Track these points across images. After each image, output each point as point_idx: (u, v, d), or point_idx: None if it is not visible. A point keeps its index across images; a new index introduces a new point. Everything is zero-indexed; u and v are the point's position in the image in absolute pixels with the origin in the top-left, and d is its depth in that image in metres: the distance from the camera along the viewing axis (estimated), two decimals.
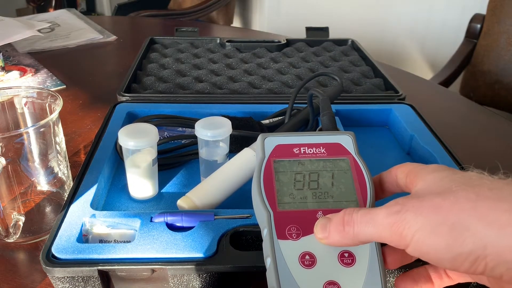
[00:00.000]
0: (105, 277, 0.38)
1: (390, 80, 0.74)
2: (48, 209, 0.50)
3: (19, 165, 0.46)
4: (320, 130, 0.50)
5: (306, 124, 0.57)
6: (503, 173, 0.29)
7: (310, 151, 0.36)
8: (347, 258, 0.31)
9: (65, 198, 0.46)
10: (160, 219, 0.42)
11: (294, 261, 0.31)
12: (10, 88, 0.49)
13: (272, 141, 0.37)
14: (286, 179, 0.35)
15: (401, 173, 0.33)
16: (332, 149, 0.37)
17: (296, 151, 0.36)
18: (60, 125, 0.48)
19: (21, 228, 0.45)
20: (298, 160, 0.36)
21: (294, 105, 0.57)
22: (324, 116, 0.45)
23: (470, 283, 0.41)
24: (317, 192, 0.34)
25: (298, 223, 0.32)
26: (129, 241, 0.40)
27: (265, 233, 0.32)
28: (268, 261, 0.31)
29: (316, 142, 0.37)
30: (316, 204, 0.33)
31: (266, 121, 0.60)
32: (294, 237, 0.32)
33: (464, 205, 0.26)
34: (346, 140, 0.37)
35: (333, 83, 0.74)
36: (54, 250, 0.38)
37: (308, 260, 0.31)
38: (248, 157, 0.48)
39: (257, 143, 0.37)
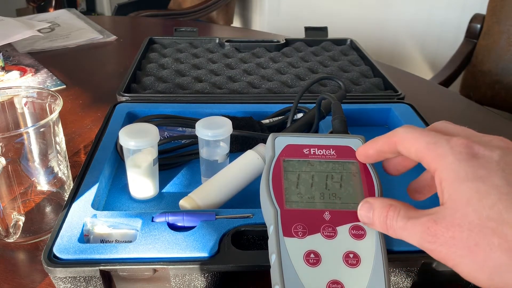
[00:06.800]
0: (106, 277, 0.38)
1: (389, 79, 0.74)
2: (48, 209, 0.50)
3: (19, 165, 0.46)
4: (331, 133, 0.51)
5: (309, 127, 0.57)
6: None
7: (320, 152, 0.36)
8: (352, 258, 0.31)
9: (65, 198, 0.46)
10: (162, 219, 0.42)
11: (298, 259, 0.31)
12: (10, 88, 0.49)
13: (283, 140, 0.37)
14: (295, 178, 0.35)
15: (411, 151, 0.31)
16: (342, 151, 0.37)
17: (306, 151, 0.36)
18: (60, 125, 0.47)
19: (21, 228, 0.45)
20: (308, 160, 0.36)
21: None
22: (336, 120, 0.45)
23: (470, 283, 0.41)
24: (325, 193, 0.34)
25: (304, 222, 0.32)
26: (131, 241, 0.40)
27: (271, 230, 0.32)
28: (272, 258, 0.31)
29: (326, 144, 0.37)
30: (323, 205, 0.34)
31: (266, 121, 0.60)
32: (300, 235, 0.32)
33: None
34: (356, 143, 0.38)
35: (332, 84, 0.74)
36: (55, 250, 0.38)
37: (312, 258, 0.31)
38: (251, 160, 0.48)
39: (267, 142, 0.37)
